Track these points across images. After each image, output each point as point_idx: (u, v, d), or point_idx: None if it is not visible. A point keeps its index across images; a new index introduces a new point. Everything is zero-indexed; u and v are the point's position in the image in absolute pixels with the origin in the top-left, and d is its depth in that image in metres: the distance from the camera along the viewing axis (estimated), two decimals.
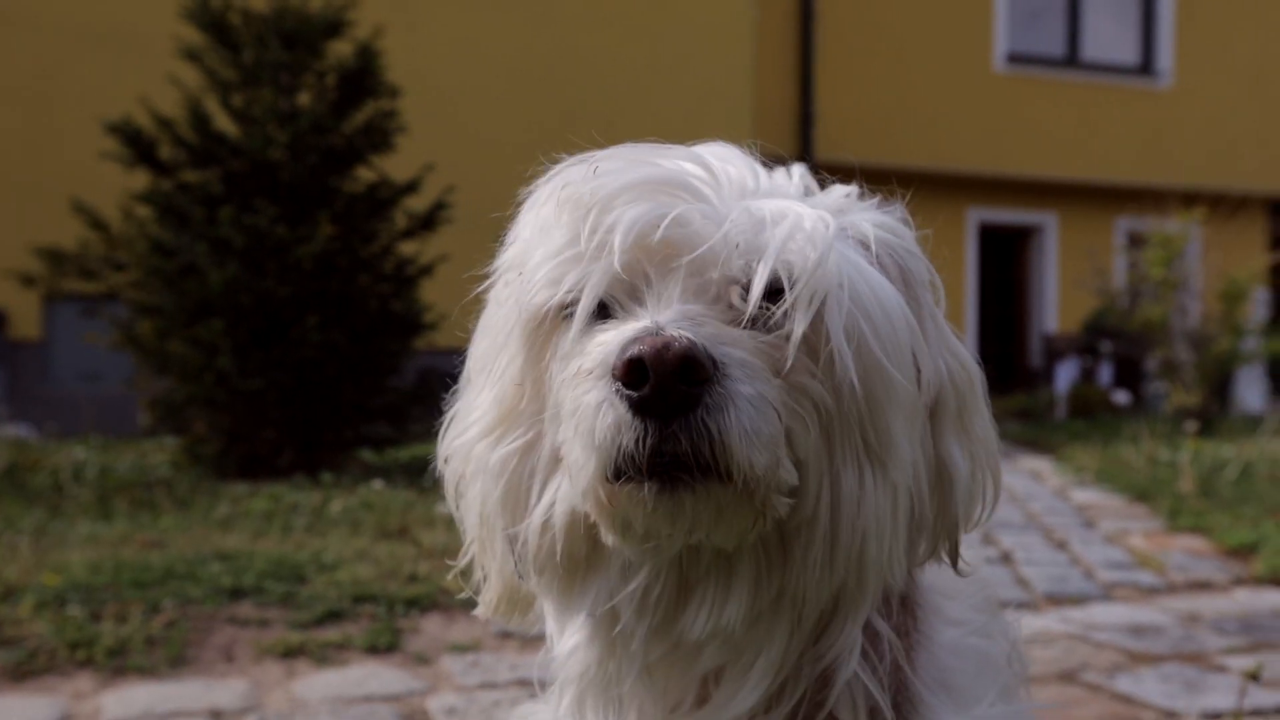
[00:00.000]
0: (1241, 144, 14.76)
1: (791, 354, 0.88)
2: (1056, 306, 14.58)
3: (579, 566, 0.94)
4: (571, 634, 0.98)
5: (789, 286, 0.88)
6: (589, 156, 0.98)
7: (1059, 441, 8.44)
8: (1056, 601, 3.70)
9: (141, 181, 6.38)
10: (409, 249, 6.81)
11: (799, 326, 0.88)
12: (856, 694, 0.96)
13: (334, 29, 6.45)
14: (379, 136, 6.53)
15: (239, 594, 3.43)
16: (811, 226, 0.91)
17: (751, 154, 1.02)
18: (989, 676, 1.05)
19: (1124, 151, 14.33)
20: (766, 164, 1.03)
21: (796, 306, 0.88)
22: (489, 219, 1.08)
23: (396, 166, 6.77)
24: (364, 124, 6.52)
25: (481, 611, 1.09)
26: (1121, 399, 11.73)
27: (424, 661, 2.97)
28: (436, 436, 1.08)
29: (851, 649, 0.94)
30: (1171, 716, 2.54)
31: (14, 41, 8.85)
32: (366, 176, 6.65)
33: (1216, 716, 2.49)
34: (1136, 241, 12.14)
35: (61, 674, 2.78)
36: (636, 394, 0.82)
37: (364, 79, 6.46)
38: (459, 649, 3.06)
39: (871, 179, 1.08)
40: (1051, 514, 5.41)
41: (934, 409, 0.97)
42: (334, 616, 3.29)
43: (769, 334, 0.89)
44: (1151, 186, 13.73)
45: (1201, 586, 3.93)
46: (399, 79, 6.78)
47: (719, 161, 0.98)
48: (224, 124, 6.35)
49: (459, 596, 1.11)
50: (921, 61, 13.38)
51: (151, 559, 3.74)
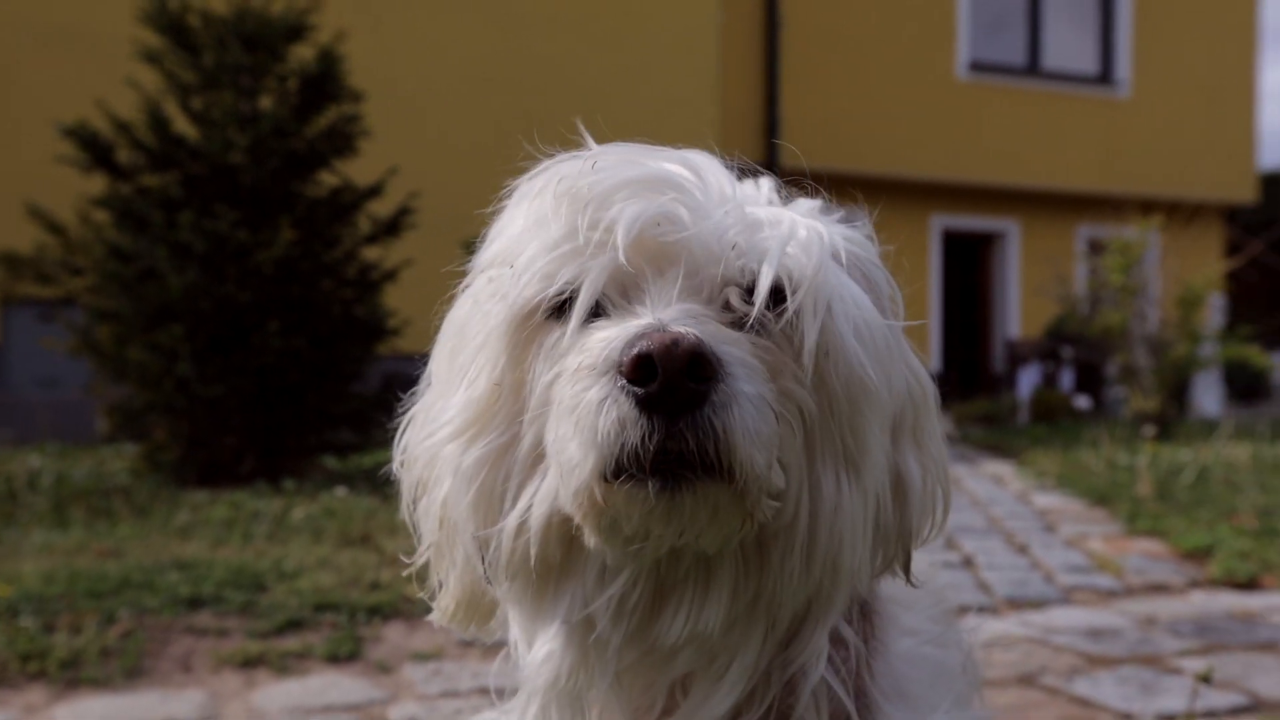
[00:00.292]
0: (1197, 153, 15.02)
1: (808, 360, 0.89)
2: (1019, 312, 14.75)
3: (553, 572, 0.93)
4: (543, 642, 0.96)
5: (790, 292, 0.89)
6: (582, 152, 0.98)
7: (1021, 446, 8.53)
8: (1017, 605, 3.74)
9: (99, 185, 6.30)
10: (373, 254, 6.76)
11: (811, 334, 0.89)
12: (821, 701, 0.96)
13: (296, 32, 6.40)
14: (342, 141, 6.49)
15: (197, 603, 3.39)
16: (806, 234, 0.92)
17: (724, 162, 1.02)
18: (943, 685, 1.06)
19: (1084, 159, 14.53)
20: (743, 171, 1.04)
21: (802, 313, 0.89)
22: (453, 223, 1.08)
23: (360, 171, 6.73)
24: (326, 128, 6.47)
25: (436, 618, 1.07)
26: (1083, 404, 11.88)
27: (386, 670, 2.95)
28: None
29: (819, 655, 0.95)
30: (1127, 718, 2.57)
31: None
32: (329, 181, 6.60)
33: (1171, 718, 2.53)
34: (1097, 248, 12.32)
35: (13, 687, 2.72)
36: (643, 390, 0.81)
37: (326, 83, 6.42)
38: (421, 657, 3.04)
39: (836, 186, 1.08)
40: (1013, 518, 5.46)
41: (895, 421, 0.98)
42: (294, 625, 3.26)
43: (761, 336, 0.89)
44: (1111, 194, 13.93)
45: (1158, 589, 3.99)
46: (362, 83, 6.74)
47: (703, 166, 0.98)
48: (183, 127, 6.28)
49: (423, 600, 1.10)
50: (885, 69, 13.50)
51: (108, 568, 3.69)
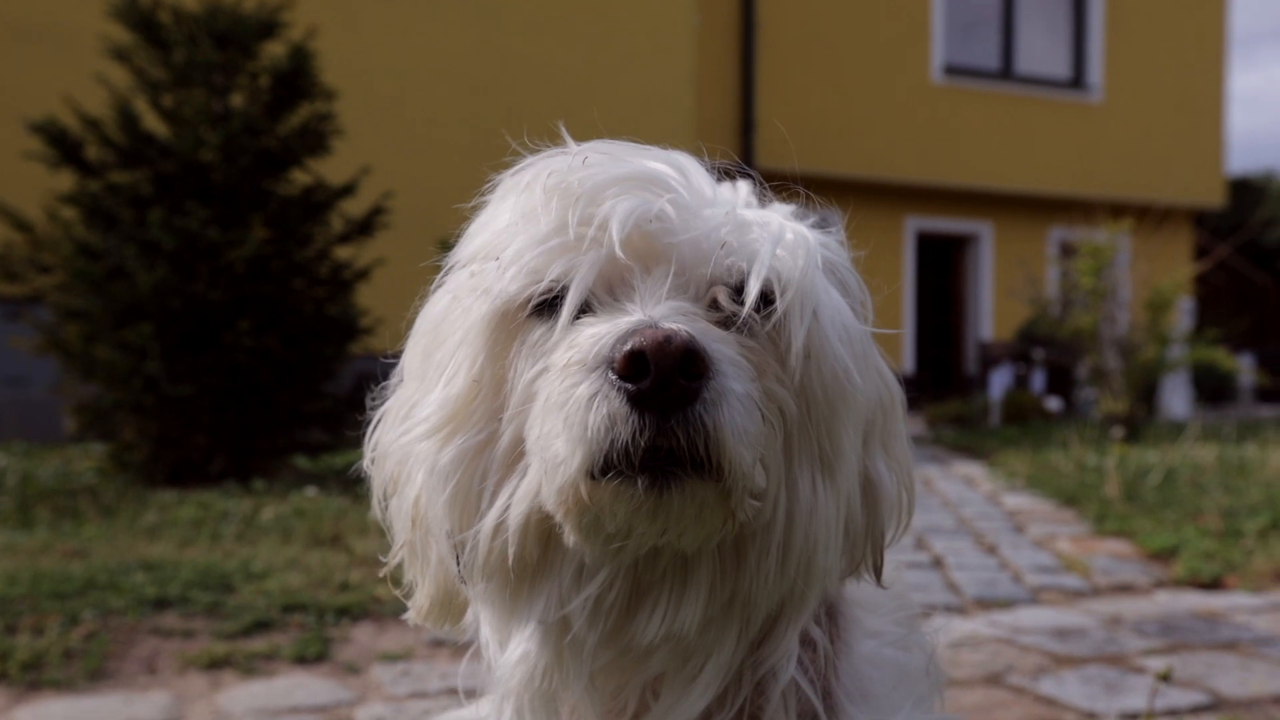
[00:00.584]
0: (1167, 157, 15.19)
1: (795, 363, 0.89)
2: (991, 314, 14.86)
3: (529, 572, 0.92)
4: (518, 643, 0.95)
5: (779, 294, 0.89)
6: (569, 148, 0.97)
7: (992, 447, 8.59)
8: (985, 605, 3.76)
9: (67, 182, 6.23)
10: (345, 253, 6.73)
11: (797, 337, 0.89)
12: (790, 701, 0.97)
13: (268, 29, 6.36)
14: (314, 139, 6.45)
15: (163, 604, 3.36)
16: (794, 237, 0.93)
17: (704, 164, 1.02)
18: (906, 687, 1.07)
19: (1057, 163, 14.66)
20: (722, 172, 1.04)
21: (789, 316, 0.89)
22: (427, 223, 1.07)
23: (333, 169, 6.69)
24: (299, 126, 6.43)
25: (411, 617, 1.07)
26: (1053, 405, 11.98)
27: (354, 671, 2.93)
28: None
29: (790, 656, 0.95)
30: (1092, 717, 2.59)
31: None
32: (302, 179, 6.56)
33: (1134, 717, 2.55)
34: (1068, 251, 12.42)
35: None
36: (635, 387, 0.81)
37: (299, 80, 6.38)
38: (390, 658, 3.02)
39: (811, 187, 1.09)
40: (983, 519, 5.50)
41: (865, 427, 0.99)
42: (262, 626, 3.23)
43: (747, 336, 0.90)
44: (1082, 198, 14.06)
45: (1124, 589, 4.02)
46: (336, 81, 6.71)
47: (688, 166, 0.99)
48: (153, 124, 6.23)
49: (393, 600, 1.09)
50: (860, 72, 13.56)
51: (72, 569, 3.65)
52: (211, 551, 4.13)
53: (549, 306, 0.91)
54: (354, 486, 5.66)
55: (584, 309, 0.91)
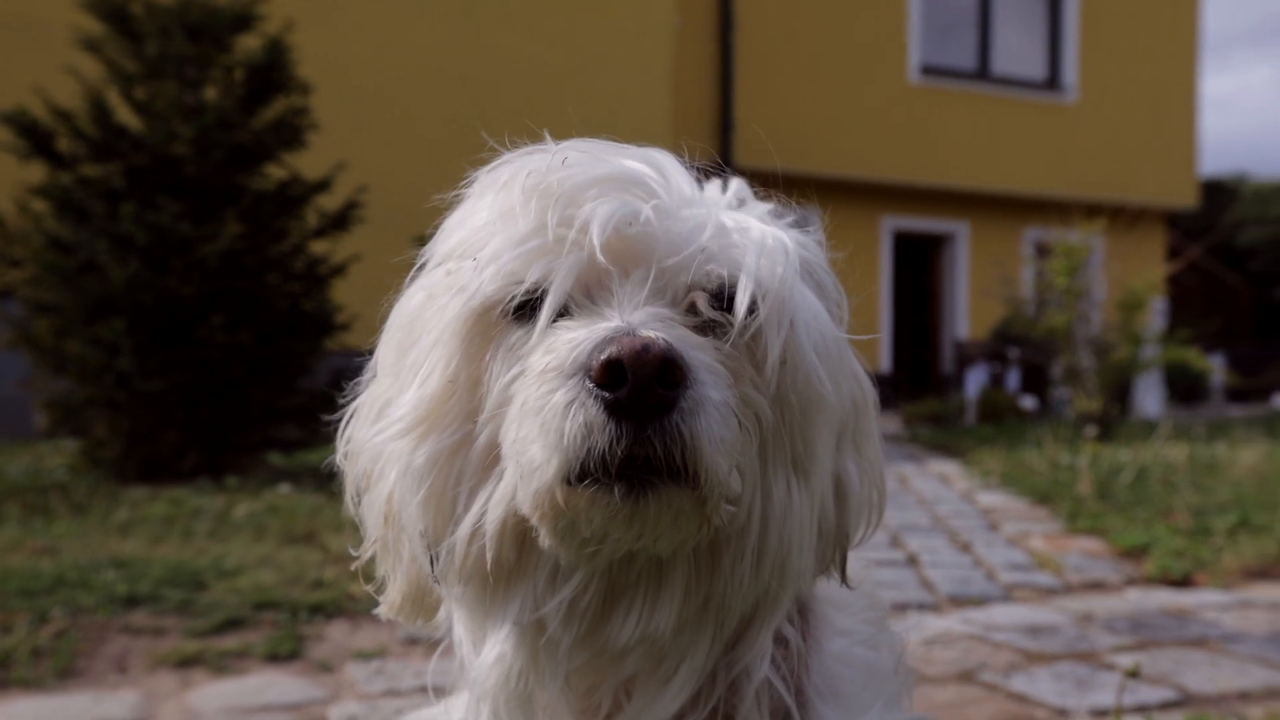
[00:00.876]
0: (1141, 159, 15.33)
1: (771, 373, 0.89)
2: (967, 314, 14.95)
3: (505, 574, 0.92)
4: (493, 644, 0.95)
5: (759, 302, 0.89)
6: (547, 146, 0.96)
7: (967, 446, 8.64)
8: (959, 603, 3.78)
9: (37, 174, 6.16)
10: (321, 248, 6.69)
11: (774, 346, 0.88)
12: (763, 700, 0.97)
13: (242, 22, 6.30)
14: (289, 133, 6.41)
15: (134, 602, 3.33)
16: (773, 243, 0.92)
17: (684, 162, 1.02)
18: (875, 685, 1.07)
19: (1032, 163, 14.76)
20: (700, 172, 1.03)
21: (766, 324, 0.88)
22: (403, 218, 1.06)
23: (308, 164, 6.64)
24: (274, 120, 6.38)
25: (383, 612, 1.06)
26: (1029, 404, 12.07)
27: (327, 669, 2.91)
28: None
29: (764, 656, 0.95)
30: (1062, 714, 2.61)
31: None
32: (276, 174, 6.51)
33: (1103, 713, 2.57)
34: (1043, 251, 12.51)
35: None
36: (612, 395, 0.80)
37: (273, 74, 6.33)
38: (364, 656, 3.01)
39: (789, 186, 1.09)
40: (958, 517, 5.53)
41: (839, 428, 0.99)
42: (234, 624, 3.21)
43: (724, 342, 0.89)
44: (1057, 198, 14.16)
45: (1096, 587, 4.06)
46: (311, 74, 6.66)
47: (667, 166, 0.98)
48: (126, 117, 6.16)
49: (367, 597, 1.08)
50: (838, 72, 13.61)
51: (42, 566, 3.61)
52: (183, 549, 4.09)
53: (526, 308, 0.91)
54: (329, 483, 5.62)
55: (562, 312, 0.90)
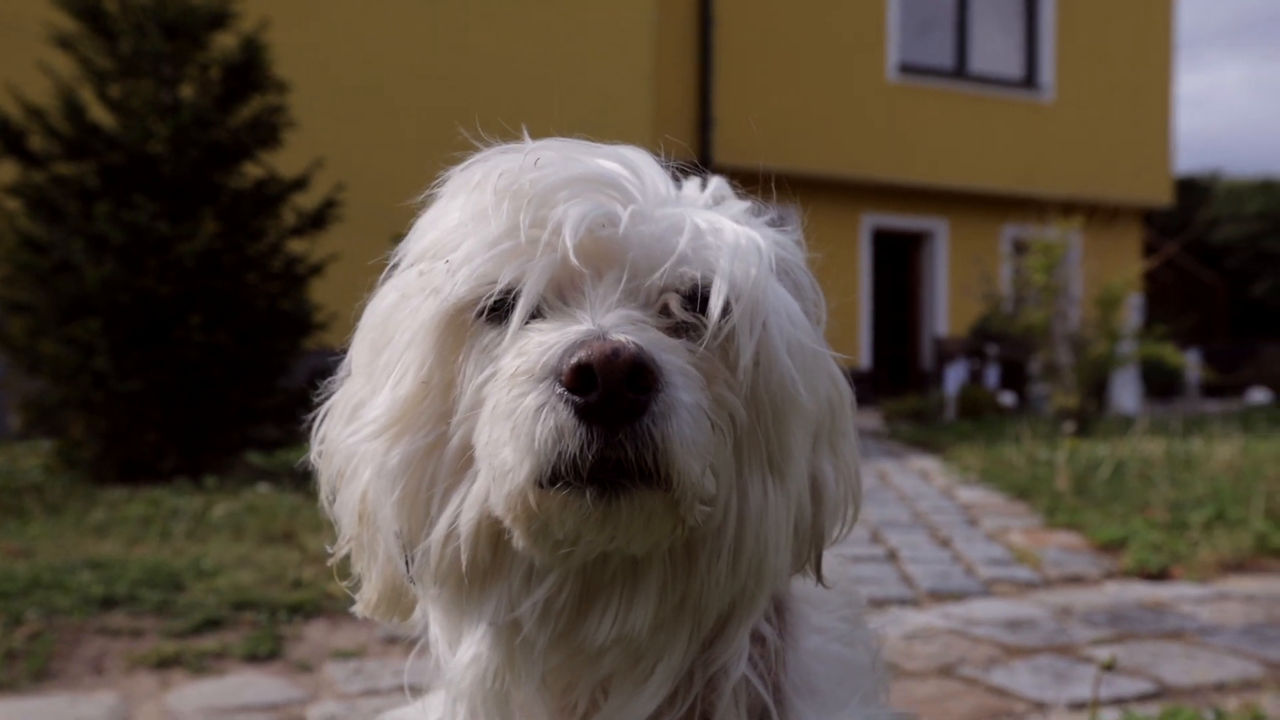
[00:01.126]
0: (1117, 156, 15.44)
1: (745, 374, 0.88)
2: (947, 310, 15.02)
3: (479, 574, 0.92)
4: (469, 645, 0.94)
5: (732, 303, 0.88)
6: (520, 146, 0.96)
7: (947, 442, 8.68)
8: (939, 598, 3.80)
9: (10, 173, 6.10)
10: (299, 247, 6.65)
11: (747, 348, 0.88)
12: (740, 698, 0.97)
13: (218, 20, 6.26)
14: (266, 132, 6.37)
15: (111, 603, 3.30)
16: (746, 243, 0.91)
17: (660, 159, 1.01)
18: (852, 681, 1.07)
19: (1010, 161, 14.85)
20: (677, 170, 1.02)
21: (739, 326, 0.88)
22: (382, 217, 1.05)
23: (286, 162, 6.60)
24: (250, 119, 6.34)
25: (359, 610, 1.06)
26: (1008, 400, 12.14)
27: (306, 669, 2.90)
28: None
29: (741, 654, 0.95)
30: (1041, 707, 2.63)
31: None
32: (253, 172, 6.47)
33: (1081, 705, 2.59)
34: (1021, 248, 12.58)
35: None
36: (583, 399, 0.80)
37: (250, 72, 6.29)
38: (343, 655, 2.99)
39: (769, 184, 1.08)
40: (937, 513, 5.56)
41: (815, 428, 0.99)
42: (212, 625, 3.19)
43: (697, 343, 0.89)
44: (1035, 195, 14.24)
45: (1074, 581, 4.09)
46: (289, 72, 6.62)
47: (641, 166, 0.97)
48: (100, 115, 6.11)
49: (346, 597, 1.08)
50: (817, 69, 13.64)
51: (16, 568, 3.57)
52: (161, 549, 4.06)
53: (499, 310, 0.90)
54: (307, 483, 5.57)
55: (535, 313, 0.90)
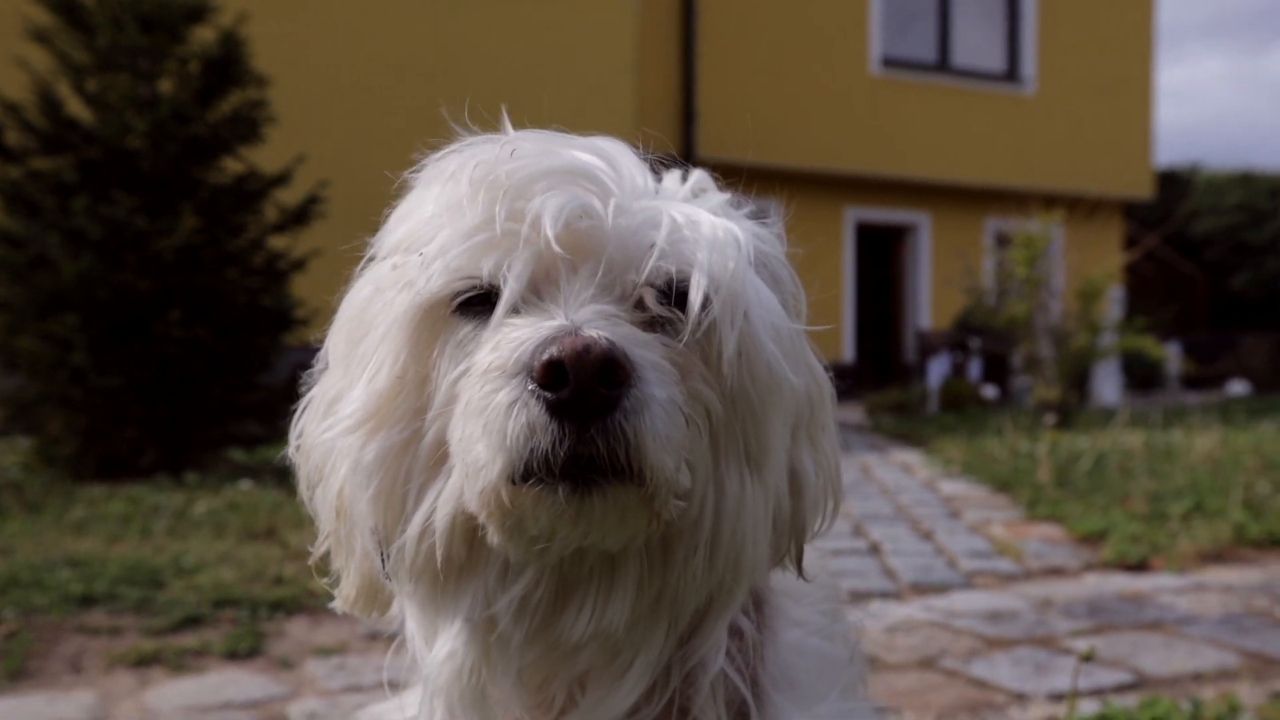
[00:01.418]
0: (1098, 150, 15.51)
1: (728, 367, 0.88)
2: (930, 304, 15.07)
3: (455, 571, 0.91)
4: (445, 641, 0.94)
5: (710, 297, 0.88)
6: (496, 137, 0.95)
7: (929, 435, 8.71)
8: (921, 590, 3.82)
9: None
10: (280, 243, 6.61)
11: (728, 341, 0.88)
12: (718, 692, 0.96)
13: (196, 14, 6.22)
14: (246, 126, 6.33)
15: (89, 601, 3.28)
16: (724, 236, 0.91)
17: (640, 152, 1.00)
18: (831, 675, 1.07)
19: (992, 154, 14.90)
20: (657, 163, 1.02)
21: (719, 320, 0.88)
22: (364, 212, 1.04)
23: (267, 157, 6.56)
24: (230, 113, 6.30)
25: (338, 605, 1.05)
26: (990, 393, 12.19)
27: (287, 666, 2.89)
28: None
29: (719, 648, 0.95)
30: (1021, 698, 2.64)
31: None
32: (233, 168, 6.43)
33: (1061, 696, 2.61)
34: (1003, 241, 12.63)
35: None
36: (554, 396, 0.80)
37: (229, 67, 6.25)
38: (324, 652, 2.98)
39: (752, 177, 1.08)
40: (920, 505, 5.58)
41: (794, 421, 0.98)
42: (192, 622, 3.17)
43: (673, 337, 0.88)
44: (1017, 188, 14.31)
45: (1055, 572, 4.11)
46: (269, 67, 6.57)
47: (618, 158, 0.96)
48: (77, 110, 6.06)
49: (328, 593, 1.07)
50: (799, 63, 13.64)
51: None
52: (141, 547, 4.04)
53: (473, 304, 0.90)
54: (289, 479, 5.53)
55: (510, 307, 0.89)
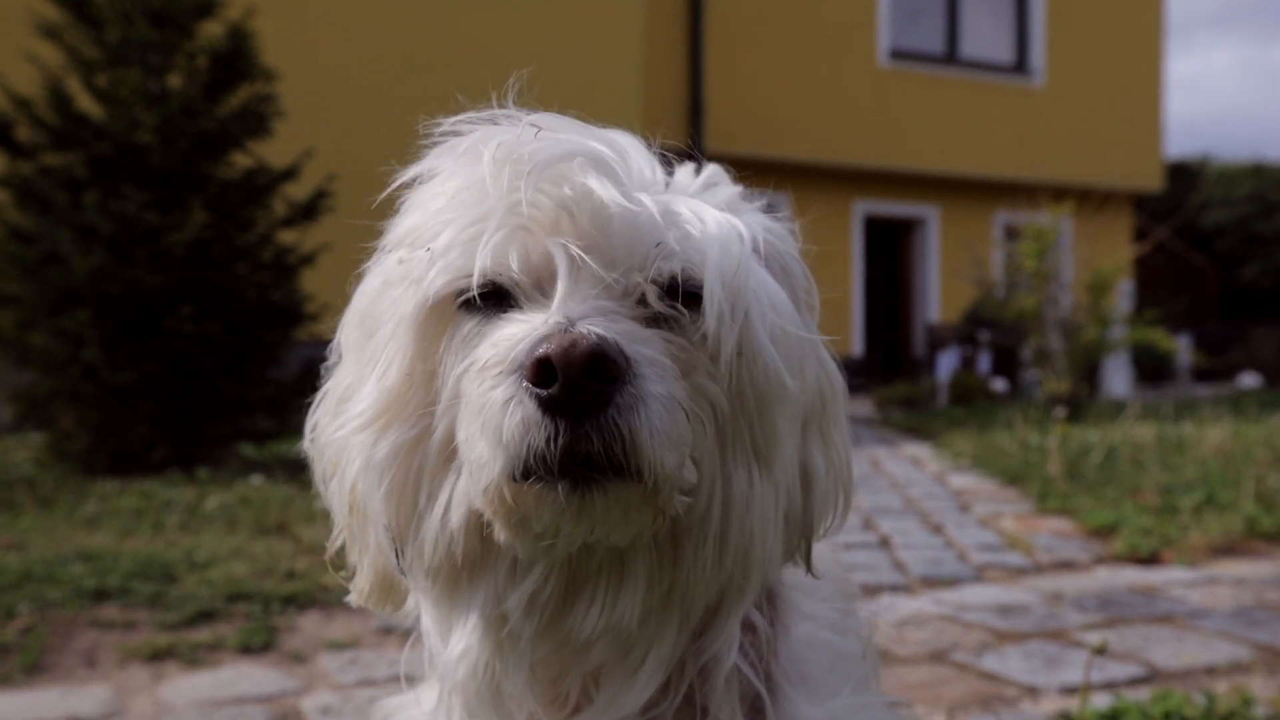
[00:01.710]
0: (1108, 141, 15.44)
1: (725, 366, 0.87)
2: (939, 297, 15.03)
3: (469, 568, 0.92)
4: (459, 637, 0.94)
5: (716, 292, 0.87)
6: (505, 124, 0.95)
7: (939, 428, 8.70)
8: (931, 584, 3.82)
9: None
10: (289, 238, 6.62)
11: (728, 339, 0.87)
12: (732, 686, 0.97)
13: (205, 8, 6.23)
14: (255, 121, 6.34)
15: (103, 596, 3.30)
16: (728, 233, 0.90)
17: (650, 145, 1.00)
18: (843, 669, 1.07)
19: (1001, 147, 14.84)
20: (668, 156, 1.01)
21: (721, 317, 0.87)
22: (371, 206, 1.03)
23: (275, 152, 6.57)
24: (239, 108, 6.31)
25: (353, 600, 1.06)
26: (999, 386, 12.16)
27: (300, 660, 2.90)
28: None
29: (732, 643, 0.95)
30: (1032, 691, 2.64)
31: None
32: (242, 162, 6.44)
33: (1073, 690, 2.60)
34: (1012, 234, 12.60)
35: None
36: (546, 392, 0.80)
37: (238, 61, 6.26)
38: (337, 646, 2.99)
39: (760, 171, 1.07)
40: (929, 499, 5.57)
41: (804, 417, 0.98)
42: (205, 616, 3.19)
43: (675, 334, 0.88)
44: (1026, 181, 14.25)
45: (1066, 566, 4.10)
46: (277, 61, 6.58)
47: (628, 151, 0.96)
48: (87, 105, 6.08)
49: (340, 588, 1.07)
50: (808, 56, 13.60)
51: (8, 561, 3.57)
52: (154, 541, 4.06)
53: (479, 299, 0.90)
54: (300, 474, 5.58)
55: (512, 303, 0.89)
